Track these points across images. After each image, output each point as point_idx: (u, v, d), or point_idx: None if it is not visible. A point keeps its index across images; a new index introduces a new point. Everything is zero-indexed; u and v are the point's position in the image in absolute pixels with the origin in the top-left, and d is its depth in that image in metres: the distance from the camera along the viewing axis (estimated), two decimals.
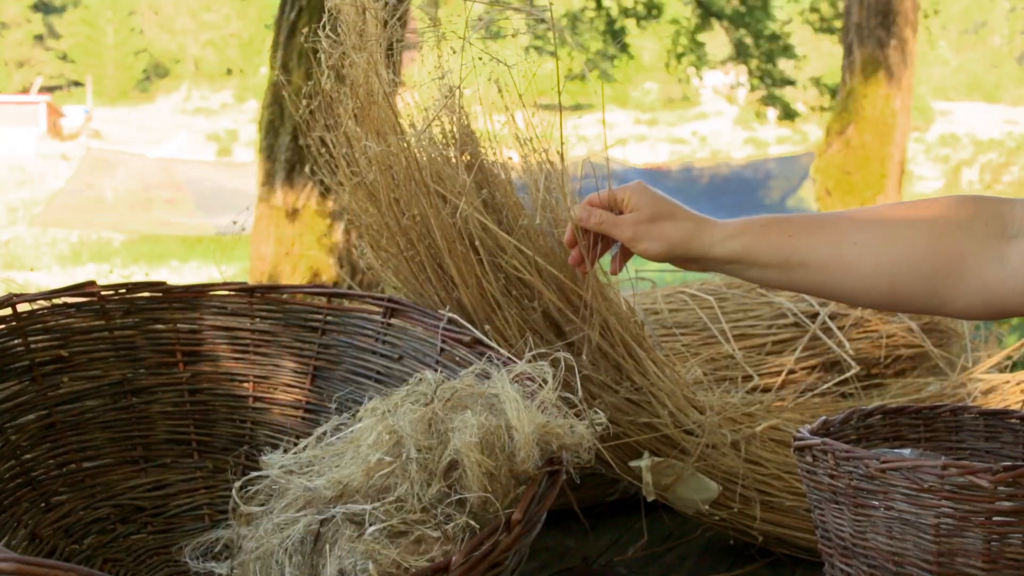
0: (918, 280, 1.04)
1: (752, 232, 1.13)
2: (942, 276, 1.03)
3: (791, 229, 1.11)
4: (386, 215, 1.29)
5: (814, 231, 1.10)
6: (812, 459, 1.05)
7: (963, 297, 1.03)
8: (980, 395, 1.65)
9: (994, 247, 1.01)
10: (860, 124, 8.34)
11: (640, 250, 1.17)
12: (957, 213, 1.04)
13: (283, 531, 0.95)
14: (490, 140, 1.33)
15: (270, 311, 1.33)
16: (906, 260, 1.04)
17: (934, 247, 1.03)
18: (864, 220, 1.09)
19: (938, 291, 1.04)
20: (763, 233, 1.12)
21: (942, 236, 1.03)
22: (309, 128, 1.35)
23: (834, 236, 1.09)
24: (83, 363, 1.25)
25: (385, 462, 0.94)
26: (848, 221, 1.10)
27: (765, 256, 1.11)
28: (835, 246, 1.08)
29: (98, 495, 1.22)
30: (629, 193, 1.19)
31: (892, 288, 1.06)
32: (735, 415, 1.44)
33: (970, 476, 0.92)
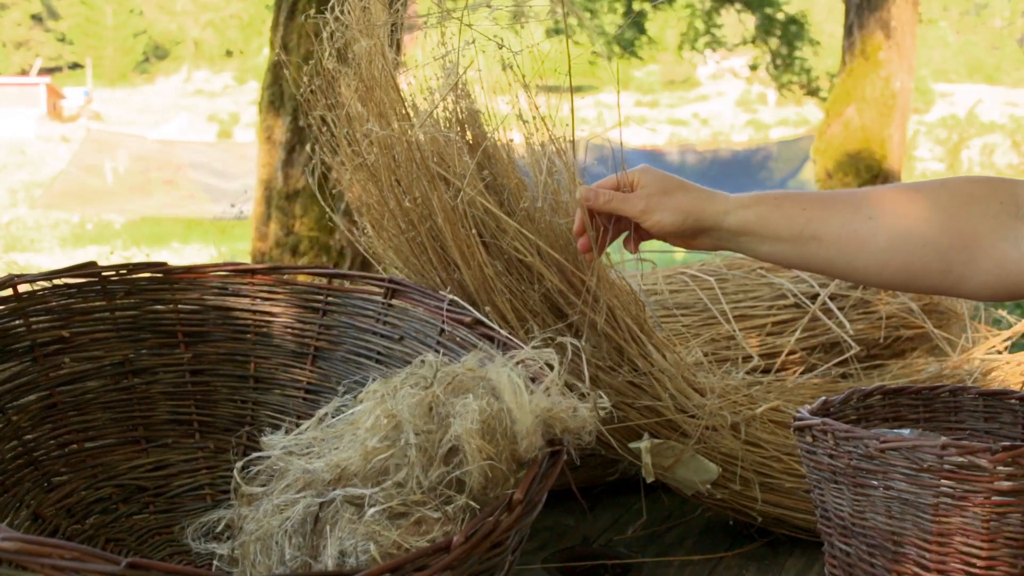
0: (933, 256, 1.03)
1: (766, 203, 1.12)
2: (957, 253, 1.02)
3: (805, 203, 1.10)
4: (387, 196, 1.29)
5: (828, 205, 1.09)
6: (812, 439, 1.05)
7: (977, 276, 1.02)
8: (980, 376, 1.65)
9: (1009, 226, 1.00)
10: (861, 105, 8.32)
11: (652, 223, 1.16)
12: (971, 191, 1.03)
13: (283, 512, 0.95)
14: (494, 121, 1.32)
15: (271, 292, 1.33)
16: (921, 235, 1.03)
17: (949, 224, 1.02)
18: (879, 196, 1.08)
19: (953, 269, 1.03)
20: (777, 205, 1.11)
21: (957, 213, 1.02)
22: (310, 107, 1.34)
23: (848, 210, 1.08)
24: (84, 344, 1.25)
25: (383, 447, 0.95)
26: (862, 196, 1.09)
27: (778, 228, 1.10)
28: (849, 220, 1.07)
29: (100, 475, 1.22)
30: (637, 174, 1.18)
31: (906, 264, 1.05)
32: (736, 397, 1.44)
33: (969, 456, 0.93)
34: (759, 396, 1.47)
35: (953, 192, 1.04)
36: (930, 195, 1.05)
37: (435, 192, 1.23)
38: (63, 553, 0.72)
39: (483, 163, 1.29)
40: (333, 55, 1.28)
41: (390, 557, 0.87)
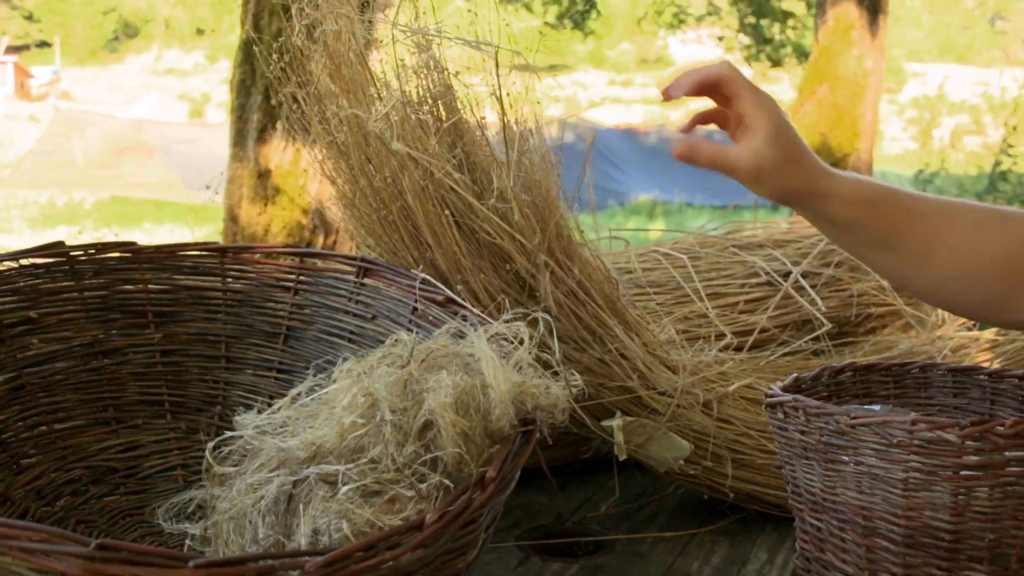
0: (994, 296, 1.06)
1: (867, 205, 1.07)
2: (1010, 293, 1.05)
3: (900, 212, 1.07)
4: (358, 175, 1.28)
5: (919, 221, 1.07)
6: (783, 416, 1.06)
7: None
8: (950, 352, 1.66)
9: None
10: (833, 84, 8.35)
11: (752, 188, 1.09)
12: None
13: (256, 491, 0.95)
14: (467, 99, 1.32)
15: (242, 271, 1.32)
16: (989, 276, 1.05)
17: (1009, 266, 1.05)
18: (961, 225, 1.07)
19: (1009, 307, 1.06)
20: (875, 210, 1.07)
21: (1017, 255, 1.05)
22: (280, 84, 1.33)
23: (932, 234, 1.07)
24: (52, 324, 1.24)
25: (359, 424, 0.94)
26: (947, 220, 1.07)
27: (867, 233, 1.08)
28: (929, 243, 1.07)
29: (69, 457, 1.21)
30: (750, 107, 1.07)
31: (963, 294, 1.08)
32: (708, 374, 1.45)
33: (938, 431, 0.93)
34: (731, 374, 1.48)
35: (1013, 233, 1.06)
36: (998, 232, 1.06)
37: (405, 172, 1.22)
38: (31, 535, 0.71)
39: (455, 141, 1.29)
40: (302, 32, 1.27)
41: (363, 535, 0.87)
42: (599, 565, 1.30)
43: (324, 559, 0.73)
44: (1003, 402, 1.19)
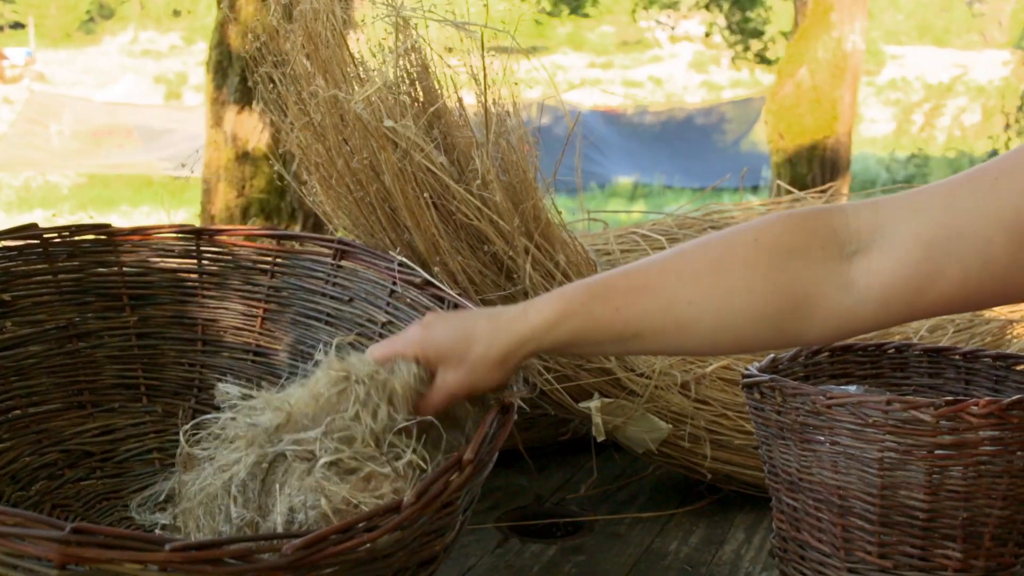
0: (764, 327, 0.95)
1: (574, 316, 0.98)
2: (787, 316, 0.94)
3: (615, 300, 0.97)
4: (335, 157, 1.27)
5: (640, 297, 0.97)
6: (760, 396, 1.06)
7: (813, 331, 0.95)
8: (926, 333, 1.67)
9: (836, 272, 0.92)
10: (812, 66, 8.36)
11: (484, 389, 0.99)
12: (789, 243, 0.94)
13: (227, 472, 0.94)
14: (445, 80, 1.31)
15: (219, 253, 1.32)
16: (748, 309, 0.94)
17: (774, 289, 0.94)
18: (693, 272, 0.97)
19: (787, 331, 0.95)
20: (586, 314, 0.98)
21: (779, 275, 0.93)
22: (256, 65, 1.32)
23: (665, 300, 0.96)
24: (26, 307, 1.23)
25: (334, 391, 0.94)
26: (675, 277, 0.97)
27: (596, 336, 0.98)
28: (667, 310, 0.96)
29: (45, 441, 1.21)
30: (420, 352, 0.99)
31: (738, 338, 0.97)
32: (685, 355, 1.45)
33: (913, 411, 0.94)
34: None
35: (769, 250, 0.94)
36: (747, 259, 0.95)
37: (383, 153, 1.22)
38: (5, 520, 0.70)
39: (433, 122, 1.28)
40: (278, 12, 1.26)
41: (340, 513, 0.87)
42: (578, 546, 1.30)
43: (301, 541, 0.72)
44: (977, 382, 1.20)
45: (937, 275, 0.88)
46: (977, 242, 0.86)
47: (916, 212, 0.90)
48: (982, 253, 0.86)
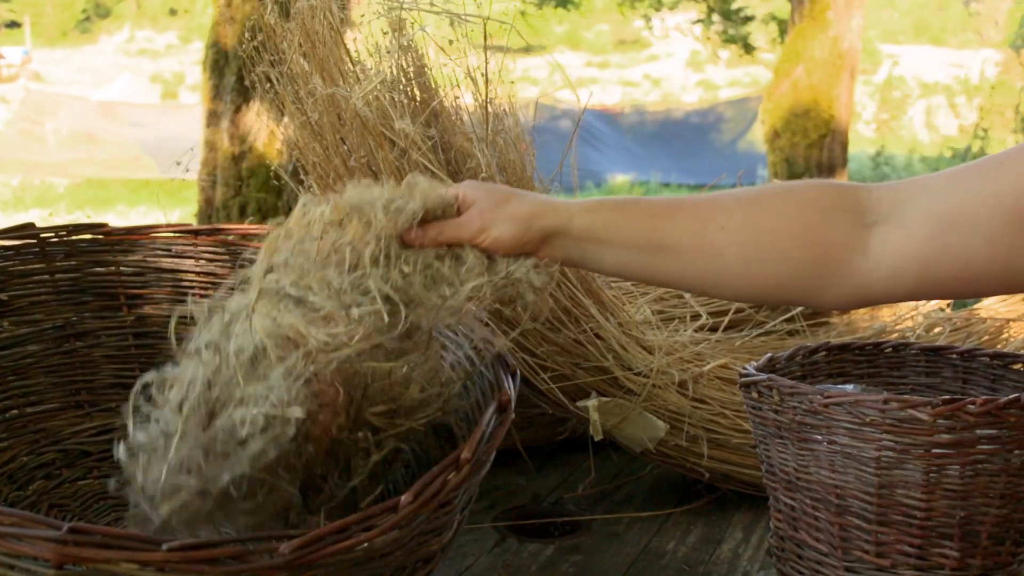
0: (786, 271, 0.99)
1: (610, 208, 1.02)
2: (810, 267, 0.98)
3: (651, 209, 1.01)
4: (332, 155, 1.27)
5: (677, 213, 1.01)
6: (758, 395, 1.06)
7: (832, 289, 0.99)
8: (923, 332, 1.68)
9: (857, 237, 0.97)
10: (809, 65, 8.36)
11: (492, 239, 1.00)
12: (819, 200, 0.99)
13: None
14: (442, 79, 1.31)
15: (215, 253, 1.31)
16: (774, 249, 0.98)
17: (801, 237, 0.98)
18: (728, 205, 1.01)
19: (808, 284, 0.99)
20: (622, 210, 1.02)
21: (808, 226, 0.98)
22: (253, 64, 1.32)
23: (697, 220, 1.00)
24: (24, 307, 1.23)
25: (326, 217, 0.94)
26: (710, 204, 1.01)
27: (627, 235, 1.01)
28: (699, 230, 1.00)
29: (42, 440, 1.20)
30: (463, 191, 1.02)
31: (760, 278, 1.00)
32: (683, 355, 1.45)
33: (910, 410, 0.94)
34: (707, 354, 1.49)
35: (802, 202, 0.99)
36: (780, 205, 1.00)
37: (380, 152, 1.22)
38: (2, 519, 0.71)
39: (430, 121, 1.28)
40: (275, 11, 1.26)
41: (288, 342, 0.87)
42: (575, 545, 1.30)
43: (297, 541, 0.72)
44: (975, 381, 1.20)
45: (942, 251, 0.93)
46: (979, 222, 0.91)
47: (928, 191, 0.95)
48: (984, 233, 0.90)
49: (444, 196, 0.99)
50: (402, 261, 0.95)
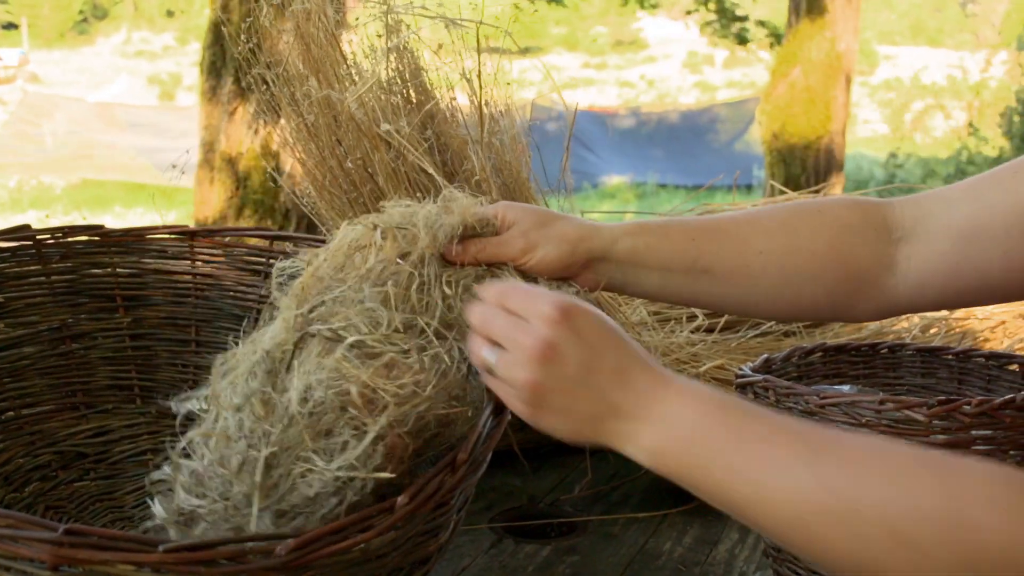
0: (821, 292, 1.02)
1: (653, 232, 1.02)
2: (842, 286, 1.01)
3: (693, 232, 1.02)
4: (328, 157, 1.28)
5: (717, 236, 1.02)
6: (754, 396, 1.06)
7: (861, 304, 1.02)
8: (919, 333, 1.68)
9: (886, 253, 1.00)
10: (806, 67, 8.37)
11: (536, 261, 0.98)
12: (849, 220, 1.01)
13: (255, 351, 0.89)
14: (438, 80, 1.31)
15: (212, 254, 1.31)
16: (810, 271, 1.01)
17: (835, 255, 1.01)
18: (766, 226, 1.02)
19: (839, 301, 1.02)
20: (664, 233, 1.02)
21: (840, 246, 1.01)
22: (250, 66, 1.32)
23: (738, 243, 1.01)
24: (19, 309, 1.22)
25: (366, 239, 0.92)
26: (749, 226, 1.03)
27: (670, 258, 1.01)
28: (741, 254, 1.01)
29: (38, 442, 1.20)
30: (502, 211, 1.01)
31: (796, 299, 1.03)
32: (680, 355, 1.45)
33: (906, 411, 0.94)
34: (703, 355, 1.49)
35: (833, 221, 1.02)
36: (814, 226, 1.02)
37: (376, 154, 1.22)
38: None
39: (426, 122, 1.28)
40: (271, 13, 1.26)
41: (362, 398, 0.83)
42: (572, 546, 1.30)
43: (294, 542, 0.72)
44: (970, 382, 1.20)
45: (964, 264, 0.95)
46: (997, 233, 0.93)
47: (948, 205, 0.97)
48: (1002, 243, 0.92)
49: (484, 213, 0.98)
50: (443, 283, 0.93)
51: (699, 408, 0.80)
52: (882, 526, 0.69)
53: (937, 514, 0.68)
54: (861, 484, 0.71)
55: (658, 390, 0.81)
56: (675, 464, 0.81)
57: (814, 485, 0.73)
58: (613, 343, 0.83)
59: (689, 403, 0.80)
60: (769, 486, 0.75)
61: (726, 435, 0.78)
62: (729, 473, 0.78)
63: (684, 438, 0.80)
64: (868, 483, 0.71)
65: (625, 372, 0.82)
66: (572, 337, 0.81)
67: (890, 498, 0.70)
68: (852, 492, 0.71)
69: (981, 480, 0.69)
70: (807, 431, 0.77)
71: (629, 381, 0.82)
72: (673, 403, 0.80)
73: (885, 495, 0.70)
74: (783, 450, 0.75)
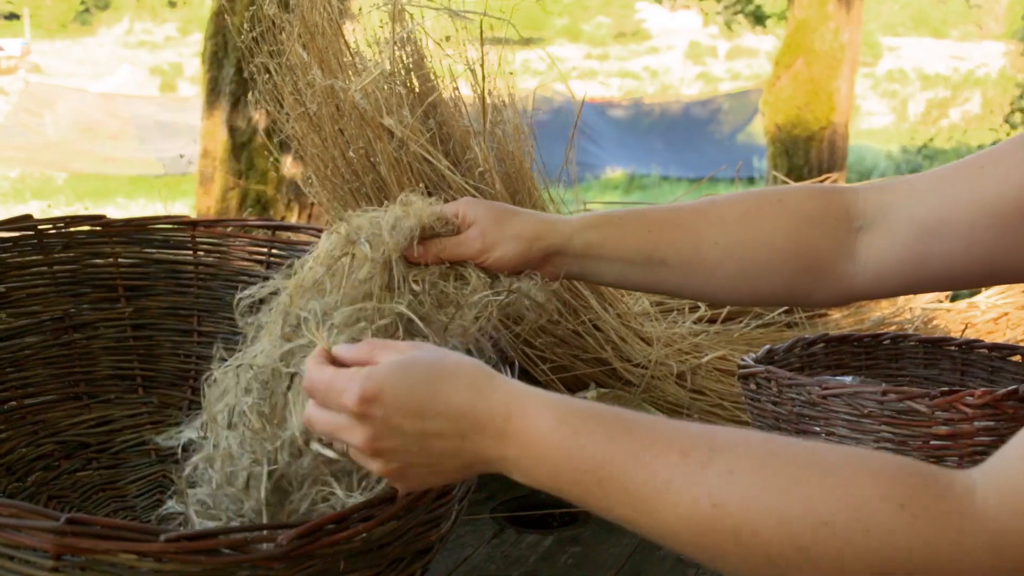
0: (779, 281, 1.02)
1: (610, 224, 1.03)
2: (800, 276, 1.01)
3: (650, 224, 1.03)
4: (330, 147, 1.27)
5: (673, 228, 1.02)
6: (756, 386, 1.06)
7: (820, 292, 1.03)
8: (921, 324, 1.68)
9: (846, 242, 1.00)
10: (809, 58, 8.36)
11: (495, 259, 1.00)
12: (810, 210, 1.01)
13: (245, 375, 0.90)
14: (440, 70, 1.31)
15: (214, 245, 1.31)
16: (768, 262, 1.02)
17: (793, 247, 1.01)
18: (722, 218, 1.03)
19: (797, 289, 1.03)
20: (621, 225, 1.03)
21: (800, 235, 1.01)
22: (252, 55, 1.32)
23: (693, 236, 1.02)
24: (21, 299, 1.22)
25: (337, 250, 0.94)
26: (705, 218, 1.03)
27: (626, 250, 1.02)
28: (696, 246, 1.02)
29: (41, 432, 1.20)
30: (462, 208, 1.02)
31: (754, 289, 1.04)
32: (682, 346, 1.45)
33: (908, 401, 0.94)
34: (705, 345, 1.49)
35: (794, 214, 1.02)
36: (773, 217, 1.02)
37: (379, 143, 1.22)
38: (1, 510, 0.70)
39: (429, 112, 1.28)
40: (274, 2, 1.26)
41: None
42: (574, 537, 1.30)
43: (295, 532, 0.72)
44: (973, 373, 1.20)
45: (925, 256, 0.95)
46: (961, 227, 0.93)
47: (913, 195, 0.97)
48: (965, 237, 0.93)
49: (441, 212, 1.00)
50: (411, 280, 0.96)
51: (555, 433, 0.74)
52: (784, 543, 0.64)
53: (841, 524, 0.63)
54: (750, 496, 0.66)
55: (500, 428, 0.75)
56: (557, 490, 0.77)
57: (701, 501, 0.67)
58: (427, 404, 0.75)
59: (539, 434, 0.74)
60: (649, 504, 0.70)
61: (593, 452, 0.72)
62: (607, 490, 0.72)
63: (551, 469, 0.75)
64: (759, 496, 0.66)
65: (458, 424, 0.75)
66: (382, 426, 0.75)
67: (787, 510, 0.64)
68: (741, 507, 0.66)
69: (885, 482, 0.64)
70: (681, 436, 0.71)
71: (466, 434, 0.75)
72: (520, 438, 0.75)
73: (781, 507, 0.65)
74: (660, 461, 0.69)
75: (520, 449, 0.75)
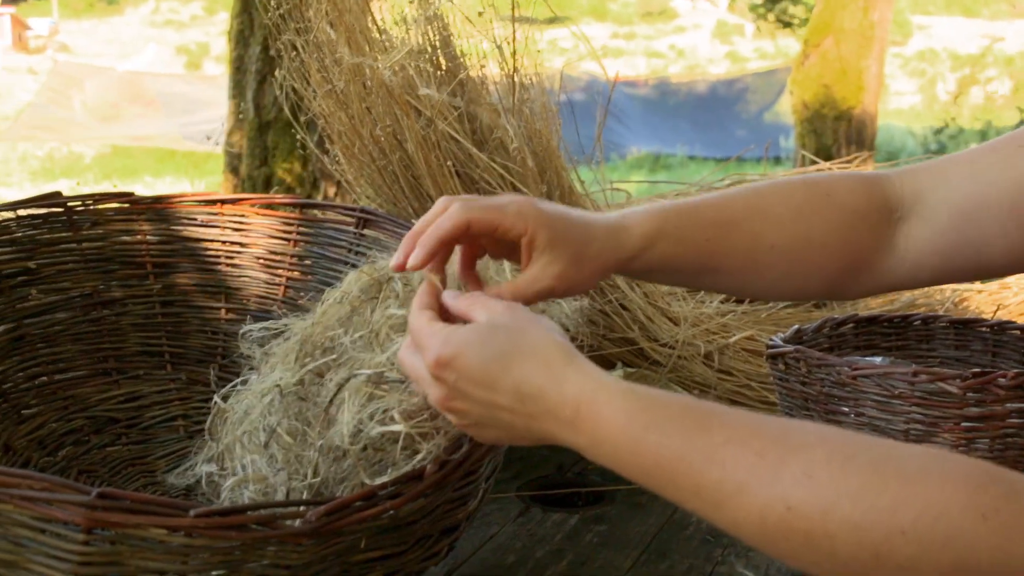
0: (823, 278, 0.99)
1: (668, 238, 0.94)
2: (845, 273, 0.99)
3: (707, 230, 0.96)
4: (358, 125, 1.27)
5: (729, 232, 0.97)
6: (785, 367, 1.05)
7: (858, 287, 1.00)
8: (952, 305, 1.66)
9: (886, 235, 0.98)
10: (838, 36, 8.27)
11: (573, 293, 0.94)
12: (855, 203, 0.98)
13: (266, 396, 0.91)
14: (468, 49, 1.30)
15: (241, 222, 1.32)
16: (817, 261, 0.98)
17: (843, 246, 0.98)
18: (777, 217, 0.98)
19: (837, 286, 1.01)
20: (679, 238, 0.95)
21: (849, 233, 0.97)
22: (279, 32, 1.31)
23: (749, 238, 0.97)
24: (52, 275, 1.23)
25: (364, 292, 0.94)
26: (762, 217, 0.98)
27: (682, 263, 0.96)
28: (751, 251, 0.97)
29: (71, 407, 1.21)
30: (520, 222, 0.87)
31: (798, 289, 1.01)
32: (710, 326, 1.45)
33: (939, 383, 0.93)
34: (733, 325, 1.48)
35: (841, 208, 0.98)
36: (823, 213, 0.98)
37: (407, 121, 1.21)
38: (32, 484, 0.71)
39: (457, 91, 1.27)
40: None
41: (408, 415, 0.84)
42: (599, 515, 1.30)
43: (324, 508, 0.73)
44: (1005, 354, 1.19)
45: (962, 242, 0.93)
46: (996, 212, 0.91)
47: (948, 180, 0.95)
48: (1000, 223, 0.90)
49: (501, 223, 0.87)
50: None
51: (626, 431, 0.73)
52: (858, 548, 0.63)
53: (920, 533, 0.62)
54: (826, 501, 0.64)
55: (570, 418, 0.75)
56: (628, 477, 0.75)
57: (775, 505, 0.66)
58: (498, 379, 0.75)
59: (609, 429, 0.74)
60: (723, 504, 0.68)
61: (666, 449, 0.71)
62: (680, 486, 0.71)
63: (621, 462, 0.75)
64: (836, 501, 0.64)
65: (526, 405, 0.75)
66: (453, 390, 0.77)
67: (864, 518, 0.63)
68: (816, 511, 0.64)
69: (967, 491, 0.62)
70: (757, 434, 0.70)
71: (534, 415, 0.76)
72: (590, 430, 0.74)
73: (857, 515, 0.63)
74: (735, 462, 0.68)
75: (589, 439, 0.75)
